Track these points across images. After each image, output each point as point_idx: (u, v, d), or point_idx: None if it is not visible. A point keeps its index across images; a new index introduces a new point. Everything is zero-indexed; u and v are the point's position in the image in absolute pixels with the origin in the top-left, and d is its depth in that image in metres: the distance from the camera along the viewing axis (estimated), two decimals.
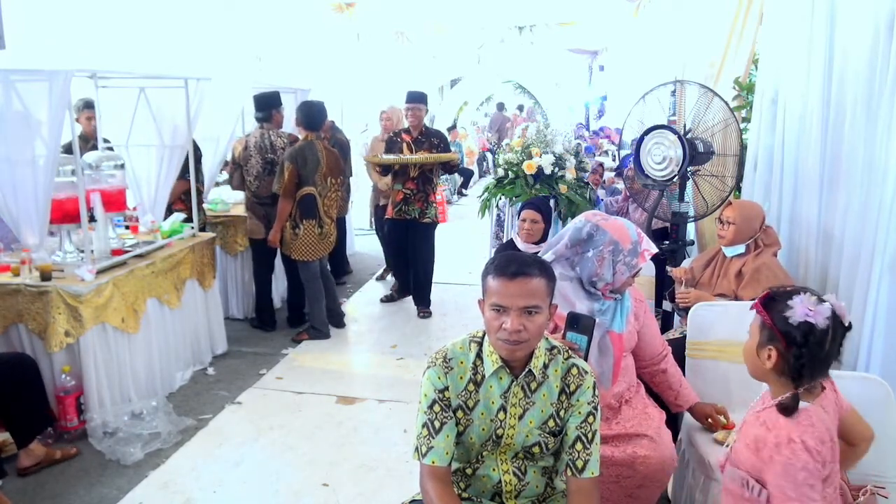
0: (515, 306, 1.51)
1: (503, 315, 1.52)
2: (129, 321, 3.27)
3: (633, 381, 2.22)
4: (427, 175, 4.83)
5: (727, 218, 2.81)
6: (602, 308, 2.09)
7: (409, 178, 4.80)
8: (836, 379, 1.85)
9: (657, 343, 2.29)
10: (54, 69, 2.89)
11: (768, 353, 1.48)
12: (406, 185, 4.80)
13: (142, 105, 3.75)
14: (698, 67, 3.81)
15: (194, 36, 4.27)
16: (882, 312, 2.25)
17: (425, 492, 1.59)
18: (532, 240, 3.50)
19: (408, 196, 4.81)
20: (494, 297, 1.53)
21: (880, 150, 2.25)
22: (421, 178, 4.80)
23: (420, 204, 4.83)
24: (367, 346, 4.47)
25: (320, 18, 6.78)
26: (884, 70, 2.22)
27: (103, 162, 3.42)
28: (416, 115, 4.83)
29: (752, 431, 1.48)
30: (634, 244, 2.06)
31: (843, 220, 2.55)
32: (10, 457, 2.80)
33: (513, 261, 1.56)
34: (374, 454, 3.04)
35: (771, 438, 1.42)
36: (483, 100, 19.08)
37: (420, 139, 4.84)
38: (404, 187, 4.80)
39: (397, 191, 4.82)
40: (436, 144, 4.83)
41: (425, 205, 4.85)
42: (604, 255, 2.05)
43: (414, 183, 4.79)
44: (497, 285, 1.53)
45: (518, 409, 1.61)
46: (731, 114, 3.16)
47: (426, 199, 4.86)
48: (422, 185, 4.81)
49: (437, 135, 4.94)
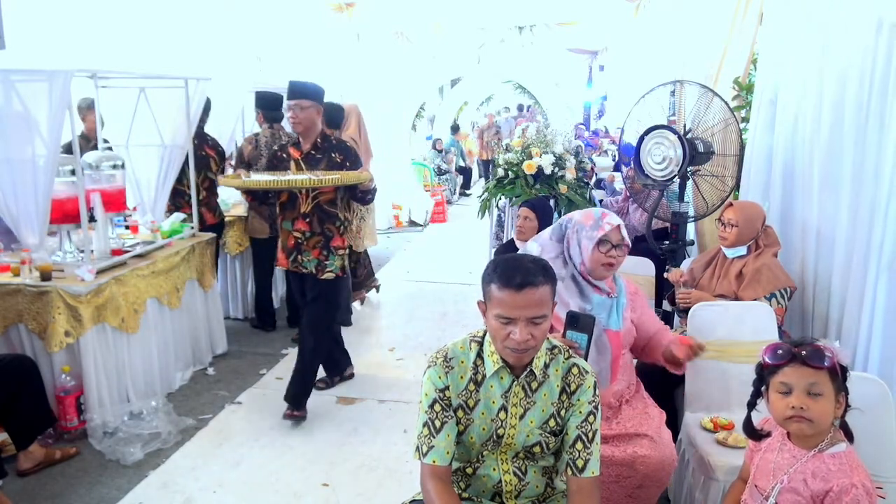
0: (523, 317, 1.50)
1: (510, 325, 1.51)
2: (129, 321, 3.27)
3: (632, 380, 2.23)
4: (325, 209, 3.24)
5: (729, 220, 2.78)
6: (594, 306, 2.10)
7: (300, 215, 3.24)
8: None
9: (653, 327, 2.29)
10: (54, 69, 2.89)
11: (839, 401, 1.46)
12: (296, 224, 3.25)
13: (142, 105, 3.75)
14: (698, 67, 3.81)
15: (194, 36, 4.28)
16: (880, 312, 2.25)
17: (426, 491, 1.59)
18: (523, 237, 3.51)
19: (300, 241, 3.26)
20: (500, 309, 1.52)
21: (877, 151, 2.26)
22: (317, 215, 3.23)
23: (317, 252, 3.26)
24: (367, 346, 4.47)
25: (320, 18, 6.78)
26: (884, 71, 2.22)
27: (103, 162, 3.42)
28: (302, 116, 3.15)
29: (807, 484, 1.45)
30: (596, 220, 2.16)
31: (840, 220, 2.55)
32: (10, 457, 2.80)
33: (517, 269, 1.52)
34: (374, 454, 3.04)
35: (834, 488, 1.41)
36: (483, 100, 19.08)
37: (314, 155, 3.25)
38: (294, 228, 3.26)
39: (286, 231, 3.30)
40: (339, 162, 3.24)
41: (325, 253, 3.26)
42: (570, 236, 2.21)
43: (306, 222, 3.24)
44: (503, 296, 1.51)
45: (519, 408, 1.61)
46: (730, 114, 3.16)
47: (327, 244, 3.26)
48: (318, 224, 3.24)
49: (342, 149, 3.30)
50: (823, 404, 1.43)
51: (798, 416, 1.43)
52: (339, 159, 3.26)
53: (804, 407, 1.42)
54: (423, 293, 5.73)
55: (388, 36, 8.40)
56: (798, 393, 1.44)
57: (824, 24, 2.63)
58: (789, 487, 1.47)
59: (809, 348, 1.45)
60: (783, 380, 1.46)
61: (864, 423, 1.77)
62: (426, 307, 5.30)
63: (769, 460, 1.54)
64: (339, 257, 3.31)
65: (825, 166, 2.66)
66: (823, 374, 1.43)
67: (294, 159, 3.27)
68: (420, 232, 8.67)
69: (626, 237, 2.18)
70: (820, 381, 1.43)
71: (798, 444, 1.51)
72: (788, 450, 1.52)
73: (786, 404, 1.44)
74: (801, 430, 1.46)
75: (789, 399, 1.44)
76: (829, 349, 1.45)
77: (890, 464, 1.81)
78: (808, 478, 1.45)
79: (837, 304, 2.58)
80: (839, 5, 2.54)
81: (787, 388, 1.45)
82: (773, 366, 1.48)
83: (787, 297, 2.64)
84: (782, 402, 1.46)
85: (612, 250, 2.13)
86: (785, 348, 1.48)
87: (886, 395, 1.92)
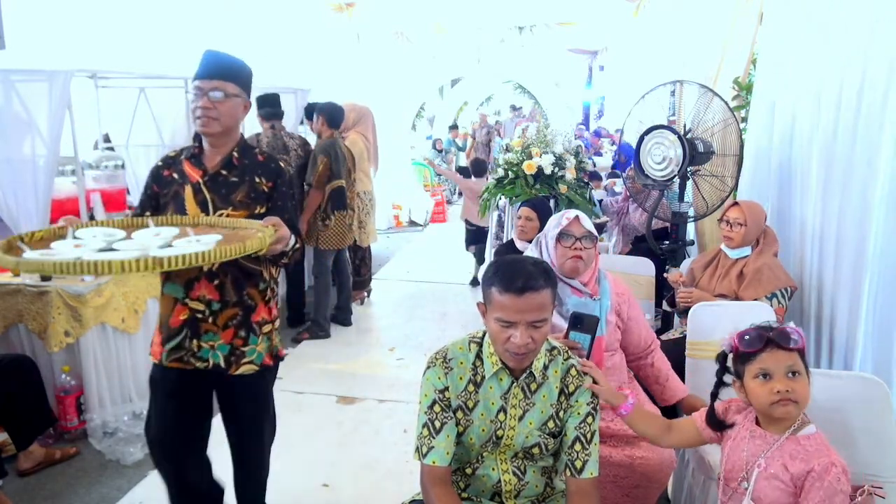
0: (524, 321, 1.50)
1: (511, 329, 1.51)
2: (130, 321, 3.27)
3: (623, 380, 2.22)
4: (244, 265, 1.96)
5: (736, 219, 2.75)
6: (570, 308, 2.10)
7: (200, 274, 1.93)
8: (835, 378, 1.87)
9: (643, 337, 2.29)
10: (54, 69, 2.90)
11: (809, 380, 1.47)
12: (194, 290, 1.94)
13: (142, 105, 3.75)
14: (698, 67, 3.81)
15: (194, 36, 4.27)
16: (876, 312, 2.26)
17: (426, 491, 1.59)
18: (525, 237, 3.51)
19: (198, 316, 1.95)
20: (501, 312, 1.51)
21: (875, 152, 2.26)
22: (230, 274, 1.95)
23: (229, 334, 1.98)
24: (367, 346, 4.47)
25: (320, 18, 6.78)
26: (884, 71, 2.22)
27: (103, 162, 3.42)
28: (223, 109, 1.91)
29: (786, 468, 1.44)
30: (557, 219, 2.19)
31: (838, 220, 2.55)
32: (10, 457, 2.80)
33: (518, 273, 1.50)
34: (374, 454, 3.04)
35: (815, 468, 1.40)
36: (483, 100, 19.08)
37: (225, 177, 1.98)
38: (188, 297, 1.94)
39: (170, 302, 1.99)
40: (264, 193, 1.99)
41: (244, 334, 2.00)
42: (542, 243, 2.24)
43: (213, 286, 1.94)
44: (504, 301, 1.50)
45: (518, 410, 1.61)
46: (730, 114, 3.16)
47: (246, 319, 2.00)
48: (234, 288, 1.97)
49: (271, 171, 2.01)
50: (804, 384, 1.44)
51: (785, 399, 1.42)
52: (264, 187, 1.98)
53: (789, 389, 1.42)
54: (423, 293, 5.73)
55: (388, 36, 8.40)
56: (780, 376, 1.43)
57: (824, 24, 2.63)
58: (768, 474, 1.45)
59: (779, 331, 1.45)
60: (762, 365, 1.45)
61: (864, 423, 1.78)
62: (426, 307, 5.30)
63: (740, 449, 1.52)
64: (264, 338, 2.03)
65: (824, 166, 2.66)
66: (796, 355, 1.44)
67: (191, 182, 1.96)
68: (420, 232, 8.67)
69: (589, 228, 2.15)
70: (795, 361, 1.44)
71: (770, 429, 1.49)
72: (759, 436, 1.50)
73: (769, 389, 1.43)
74: (787, 414, 1.44)
75: (772, 384, 1.43)
76: (793, 330, 1.45)
77: (890, 464, 1.80)
78: (786, 461, 1.44)
79: (835, 303, 2.58)
80: (839, 5, 2.53)
81: (767, 373, 1.45)
82: (748, 353, 1.47)
83: (787, 297, 2.64)
84: (764, 388, 1.44)
85: (576, 243, 2.12)
86: (756, 334, 1.47)
87: (886, 395, 1.91)
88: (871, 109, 2.29)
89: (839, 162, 2.53)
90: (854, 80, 2.38)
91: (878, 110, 2.24)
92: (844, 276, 2.48)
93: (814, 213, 2.74)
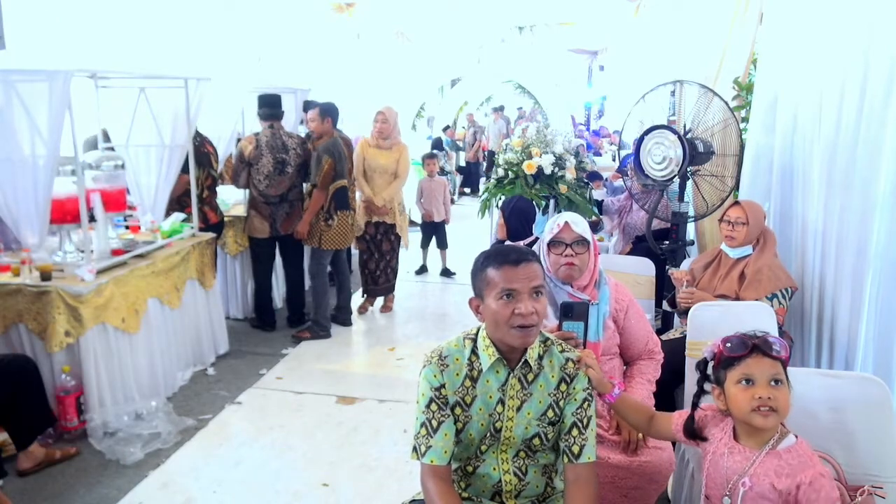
0: (526, 288, 1.53)
1: (515, 301, 1.53)
2: (130, 321, 3.27)
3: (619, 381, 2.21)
4: None
5: (738, 218, 2.74)
6: None
7: None
8: (836, 379, 1.86)
9: (641, 345, 2.25)
10: (54, 69, 2.89)
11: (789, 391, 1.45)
12: None
13: (142, 105, 3.75)
14: (698, 67, 3.81)
15: (194, 36, 4.28)
16: (877, 312, 2.25)
17: (426, 491, 1.59)
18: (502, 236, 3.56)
19: None
20: (503, 284, 1.54)
21: (876, 151, 2.26)
22: None
23: None
24: (367, 346, 4.47)
25: (320, 18, 6.79)
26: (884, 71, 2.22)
27: (103, 162, 3.42)
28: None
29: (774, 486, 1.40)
30: (550, 227, 2.18)
31: (838, 220, 2.55)
32: (10, 457, 2.80)
33: (509, 250, 1.59)
34: (374, 454, 3.04)
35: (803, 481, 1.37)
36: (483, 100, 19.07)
37: None
38: None
39: None
40: None
41: None
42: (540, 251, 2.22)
43: None
44: (503, 273, 1.54)
45: (516, 401, 1.61)
46: (730, 114, 3.16)
47: None
48: None
49: None
50: (786, 394, 1.41)
51: (765, 405, 1.39)
52: None
53: (771, 397, 1.39)
54: (423, 293, 5.73)
55: (388, 36, 8.40)
56: (762, 383, 1.41)
57: (824, 24, 2.63)
58: (754, 493, 1.41)
59: (764, 338, 1.43)
60: (745, 371, 1.43)
61: (864, 423, 1.78)
62: (426, 307, 5.31)
63: (720, 465, 1.49)
64: None
65: (824, 166, 2.66)
66: (779, 364, 1.42)
67: None
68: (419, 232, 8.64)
69: (581, 232, 2.11)
70: (779, 370, 1.42)
71: (748, 443, 1.46)
72: (739, 451, 1.47)
73: (750, 395, 1.41)
74: (765, 423, 1.41)
75: (754, 390, 1.41)
76: (777, 339, 1.44)
77: (890, 464, 1.80)
78: (773, 480, 1.40)
79: (836, 303, 2.58)
80: (839, 6, 2.53)
81: (750, 378, 1.42)
82: (732, 358, 1.45)
83: (788, 298, 2.64)
84: (746, 394, 1.42)
85: (567, 249, 2.10)
86: (741, 340, 1.45)
87: (886, 395, 1.91)
88: (873, 107, 2.29)
89: (841, 161, 2.52)
90: (856, 78, 2.38)
91: (881, 108, 2.24)
92: (846, 276, 2.48)
93: (815, 212, 2.74)
